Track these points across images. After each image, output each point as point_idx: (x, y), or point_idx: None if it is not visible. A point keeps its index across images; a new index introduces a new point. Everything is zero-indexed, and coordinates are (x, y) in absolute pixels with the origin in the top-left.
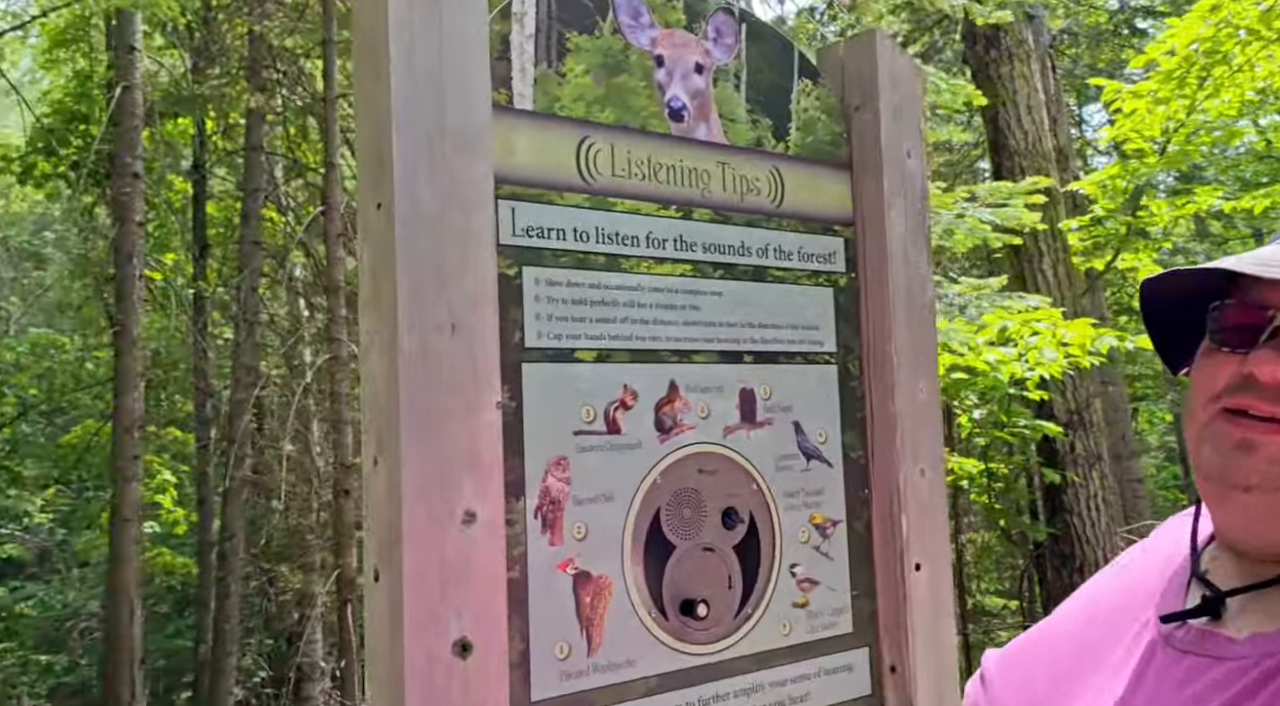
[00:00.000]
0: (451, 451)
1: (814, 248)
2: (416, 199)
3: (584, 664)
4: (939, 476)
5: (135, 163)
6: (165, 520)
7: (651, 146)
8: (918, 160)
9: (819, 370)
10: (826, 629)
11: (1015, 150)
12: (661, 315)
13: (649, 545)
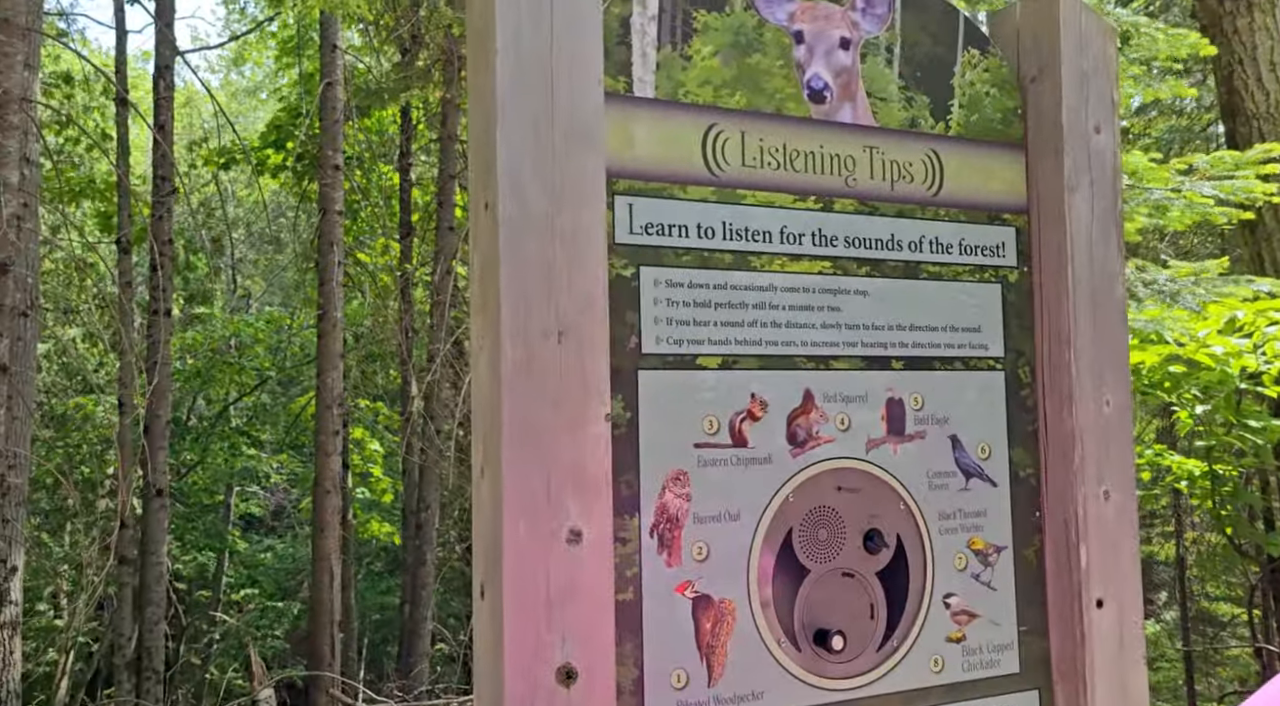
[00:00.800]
0: (556, 466)
1: (978, 239)
2: (522, 196)
3: (704, 695)
4: (1129, 501)
5: (336, 156)
6: (375, 488)
7: (787, 132)
8: (1109, 136)
9: (982, 377)
10: (987, 667)
11: (1253, 114)
12: (796, 317)
13: (779, 568)
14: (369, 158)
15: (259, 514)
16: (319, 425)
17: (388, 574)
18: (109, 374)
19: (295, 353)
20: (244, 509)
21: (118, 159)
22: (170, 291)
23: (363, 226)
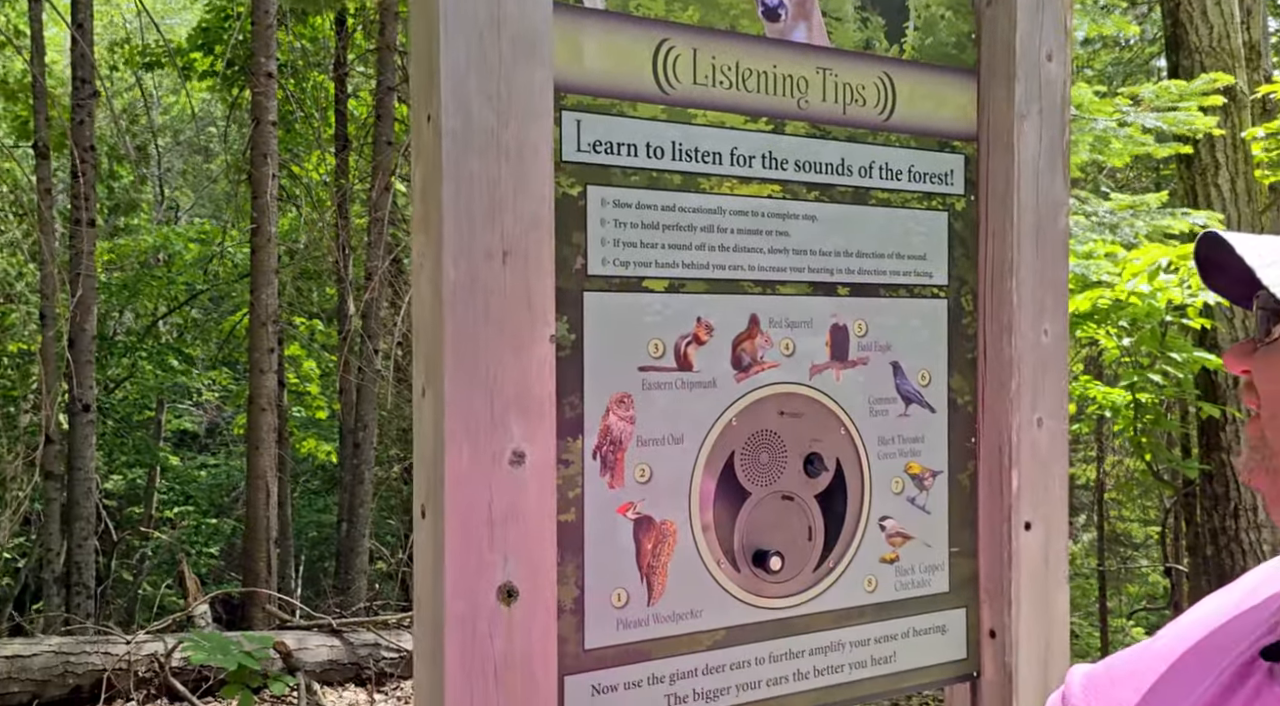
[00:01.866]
0: (499, 388)
1: (928, 166)
2: (466, 109)
3: (644, 613)
4: (1061, 427)
5: (269, 63)
6: (311, 406)
7: (740, 50)
8: (1061, 64)
9: (926, 305)
10: (919, 587)
11: (1196, 47)
12: (744, 241)
13: (720, 491)
14: (303, 66)
15: (193, 430)
16: (252, 342)
17: (325, 492)
18: (30, 286)
19: (228, 268)
20: (177, 425)
21: (32, 58)
22: (93, 200)
23: (297, 138)
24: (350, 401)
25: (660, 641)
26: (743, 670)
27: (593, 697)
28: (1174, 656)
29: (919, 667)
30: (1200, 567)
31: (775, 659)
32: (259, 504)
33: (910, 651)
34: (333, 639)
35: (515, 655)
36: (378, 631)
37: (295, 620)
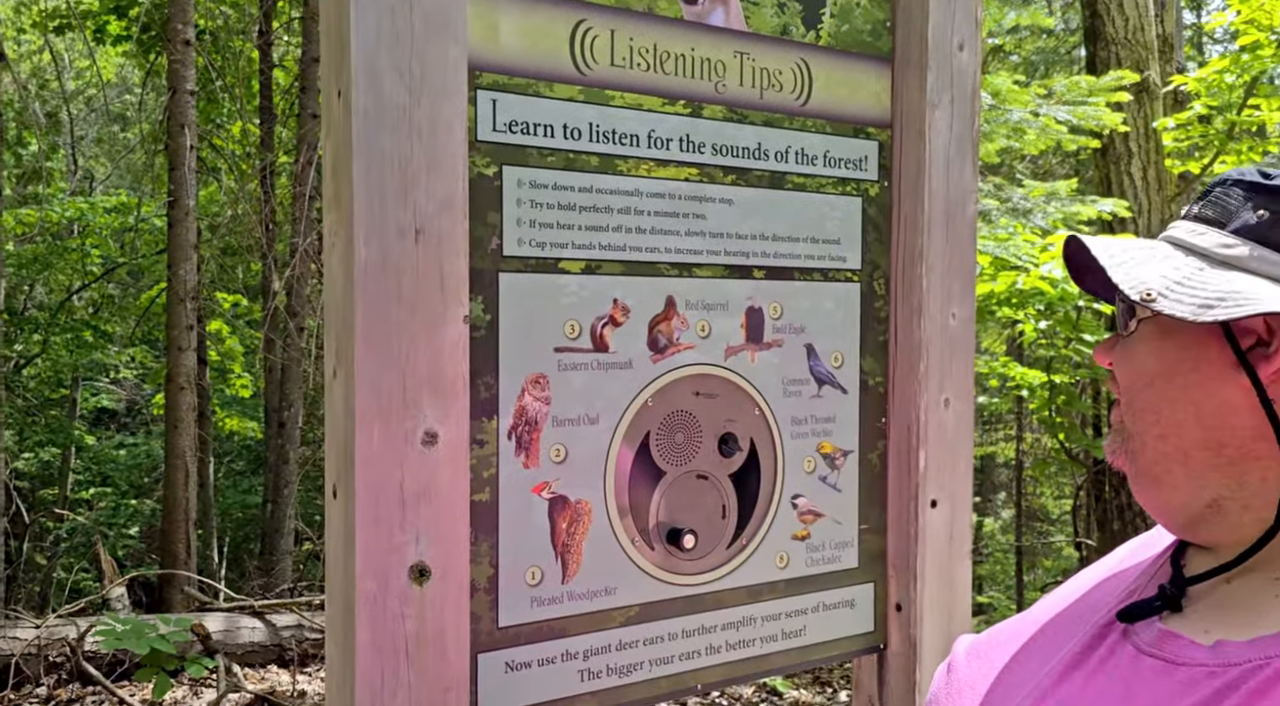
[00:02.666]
0: (411, 368)
1: (843, 152)
2: (377, 86)
3: (558, 590)
4: (967, 408)
5: (187, 29)
6: (234, 385)
7: (658, 33)
8: (971, 55)
9: (839, 289)
10: (829, 563)
11: (1113, 38)
12: (661, 224)
13: (636, 470)
14: (225, 33)
15: (112, 408)
16: (171, 319)
17: (250, 473)
18: None
19: (147, 241)
20: (94, 404)
21: None
22: (0, 169)
23: (218, 108)
24: (275, 379)
25: (574, 618)
26: (656, 645)
27: (506, 674)
28: (1045, 622)
29: (828, 640)
30: (1107, 542)
31: (688, 634)
32: (178, 484)
33: (820, 625)
34: (254, 621)
35: (427, 633)
36: (301, 612)
37: (216, 602)
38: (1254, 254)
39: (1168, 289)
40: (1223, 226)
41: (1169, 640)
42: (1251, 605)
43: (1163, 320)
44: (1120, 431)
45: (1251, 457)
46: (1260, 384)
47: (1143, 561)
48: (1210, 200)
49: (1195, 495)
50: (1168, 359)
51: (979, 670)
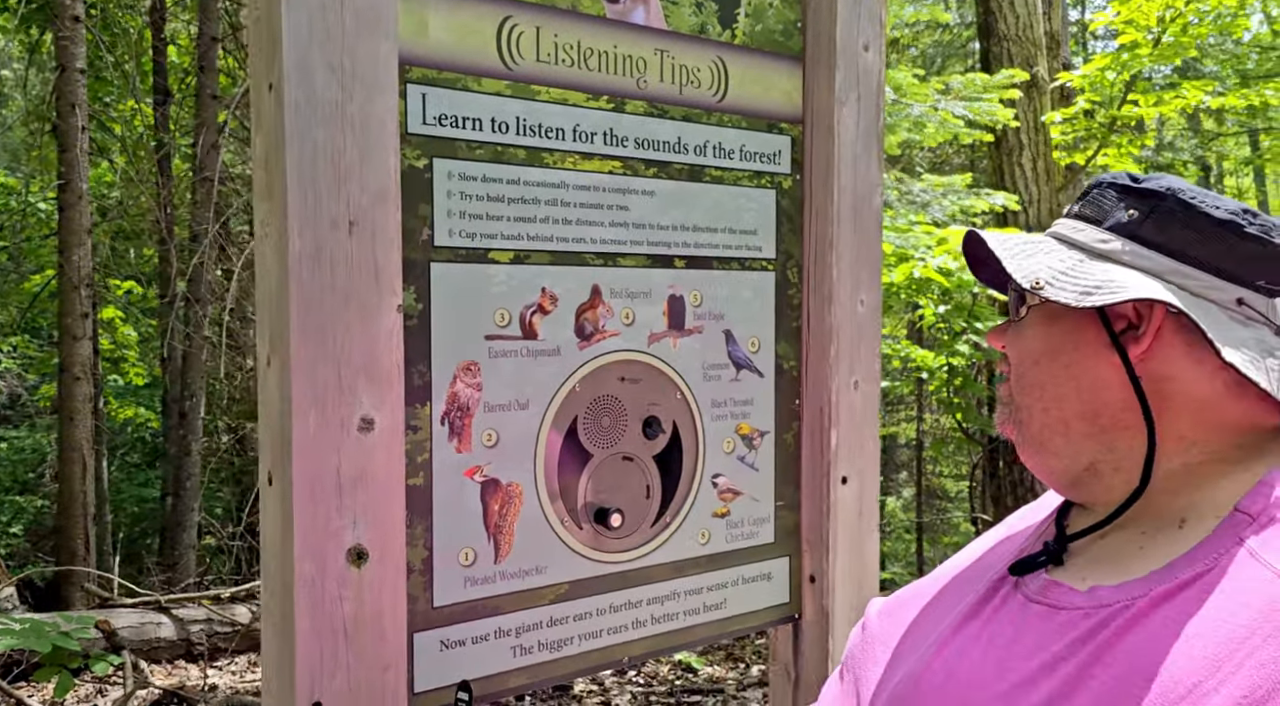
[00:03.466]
0: (347, 357)
1: (757, 146)
2: (309, 81)
3: (491, 570)
4: (874, 390)
5: (75, 4)
6: (128, 374)
7: (582, 30)
8: (876, 54)
9: (755, 277)
10: (747, 539)
11: (1005, 35)
12: (586, 215)
13: (565, 453)
14: (114, 8)
15: None
16: (63, 307)
17: (146, 465)
18: None
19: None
20: None
21: None
22: None
23: (108, 87)
24: (174, 369)
25: (507, 597)
26: (585, 621)
27: (441, 652)
28: (947, 582)
29: (747, 612)
30: (1002, 516)
31: (616, 609)
32: (74, 478)
33: (739, 597)
34: (161, 616)
35: (366, 615)
36: (209, 606)
37: (117, 598)
38: (1126, 248)
39: (1054, 278)
40: (1099, 224)
41: (1052, 588)
42: (1121, 556)
43: (1049, 306)
44: (1009, 404)
45: (1121, 427)
46: (1129, 362)
47: (1031, 524)
48: (1088, 200)
49: (1074, 460)
50: (1053, 340)
51: (890, 627)
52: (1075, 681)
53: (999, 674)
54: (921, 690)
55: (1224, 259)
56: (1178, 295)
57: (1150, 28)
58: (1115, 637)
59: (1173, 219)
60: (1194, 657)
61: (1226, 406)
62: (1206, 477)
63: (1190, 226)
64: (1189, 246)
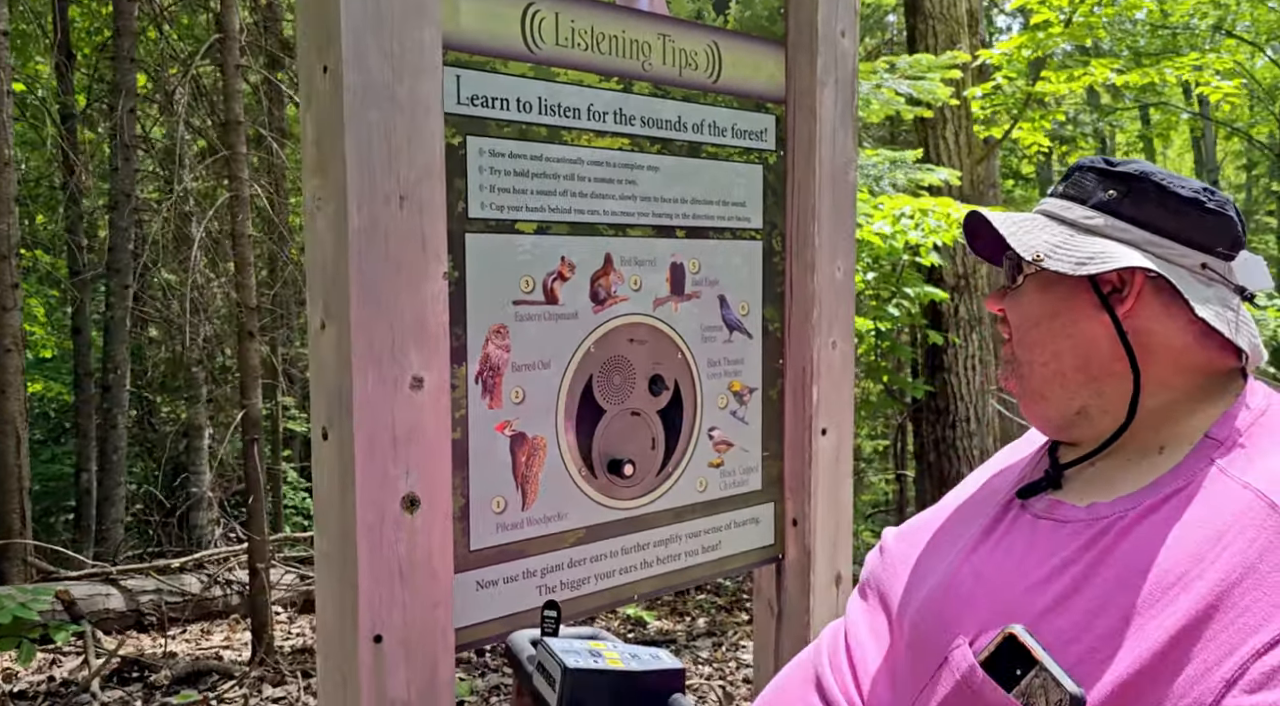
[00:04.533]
0: (400, 320)
1: (747, 125)
2: (364, 65)
3: (519, 517)
4: (849, 348)
5: None
6: (34, 346)
7: (595, 15)
8: (851, 41)
9: (745, 246)
10: (738, 486)
11: (930, 12)
12: (599, 189)
13: (581, 409)
14: None
15: None
16: None
17: (52, 441)
18: None
19: None
20: None
21: None
22: None
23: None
24: (85, 341)
25: (533, 540)
26: (600, 562)
27: (477, 591)
28: (954, 509)
29: (738, 553)
30: (924, 472)
31: (626, 551)
32: (9, 451)
33: (731, 540)
34: (108, 587)
35: (418, 557)
36: (159, 577)
37: (61, 572)
38: (1109, 223)
39: (1051, 251)
40: (1084, 203)
41: (1056, 506)
42: (1112, 478)
43: (1044, 274)
44: (1011, 362)
45: (1109, 374)
46: (1118, 319)
47: (1022, 458)
48: (1071, 182)
49: (1068, 405)
50: (1050, 304)
51: (907, 548)
52: (1083, 578)
53: (1019, 576)
54: (953, 595)
55: (1190, 230)
56: (1155, 262)
57: (1062, 7)
58: (1114, 542)
59: (1147, 197)
60: (1180, 553)
61: (1196, 353)
62: (1180, 412)
63: (1162, 204)
64: (1161, 220)
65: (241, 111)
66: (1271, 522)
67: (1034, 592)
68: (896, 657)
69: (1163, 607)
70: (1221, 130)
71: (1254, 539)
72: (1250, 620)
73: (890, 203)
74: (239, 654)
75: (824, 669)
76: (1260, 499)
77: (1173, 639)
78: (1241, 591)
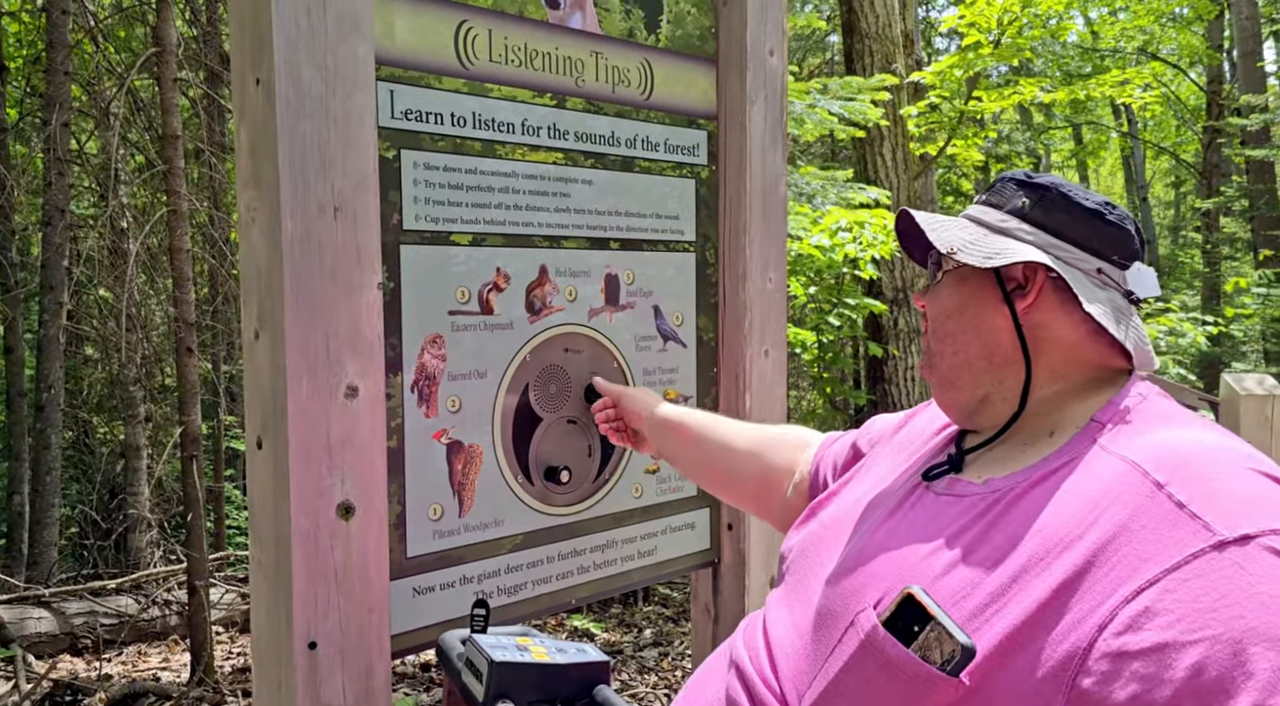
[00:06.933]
0: (335, 330)
1: (679, 140)
2: (297, 78)
3: (456, 524)
4: (781, 357)
5: None
6: None
7: (528, 33)
8: (780, 59)
9: (679, 258)
10: (674, 492)
11: (866, 33)
12: (534, 201)
13: (518, 417)
14: None
15: None
16: None
17: None
18: None
19: None
20: None
21: None
22: None
23: None
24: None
25: (470, 547)
26: (537, 568)
27: (414, 598)
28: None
29: (674, 558)
30: None
31: (564, 557)
32: None
33: (668, 545)
34: (40, 610)
35: (354, 563)
36: (93, 599)
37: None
38: (1019, 227)
39: (964, 246)
40: (1000, 209)
41: (956, 484)
42: (1007, 459)
43: (960, 270)
44: (927, 352)
45: (1009, 363)
46: (1016, 314)
47: (929, 448)
48: (994, 190)
49: (974, 392)
50: (961, 296)
51: (822, 533)
52: (976, 543)
53: (920, 545)
54: (859, 566)
55: (1090, 238)
56: (1055, 263)
57: (990, 29)
58: (1006, 509)
59: (1055, 206)
60: (1064, 516)
61: (1087, 348)
62: (1070, 401)
63: (1068, 212)
64: (1066, 227)
65: (179, 125)
66: (1144, 488)
67: (932, 557)
68: (808, 629)
69: (1046, 565)
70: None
71: (1128, 502)
72: (1121, 572)
73: (829, 217)
74: (178, 675)
75: (739, 651)
76: (1135, 468)
77: (1054, 592)
78: (1114, 547)
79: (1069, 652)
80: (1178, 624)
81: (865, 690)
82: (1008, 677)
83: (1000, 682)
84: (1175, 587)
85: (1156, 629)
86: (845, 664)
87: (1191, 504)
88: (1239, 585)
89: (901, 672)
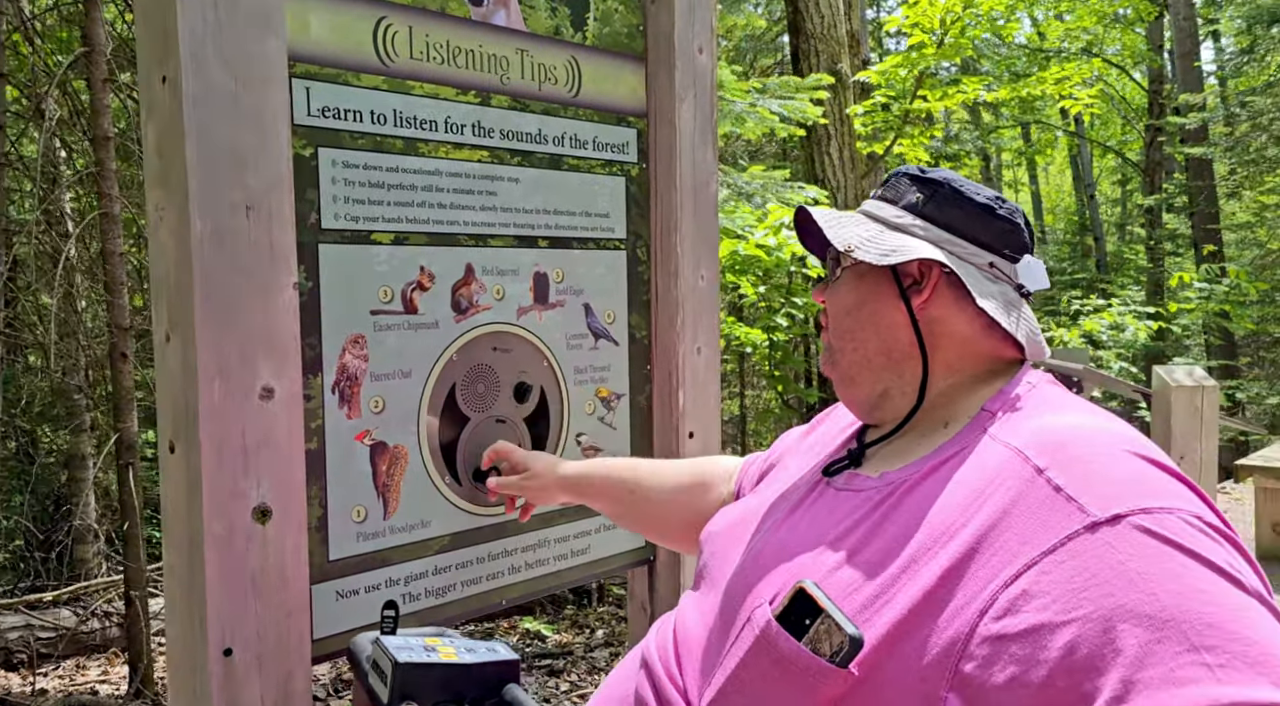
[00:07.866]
0: (248, 331)
1: (608, 137)
2: (206, 75)
3: (380, 526)
4: (714, 354)
5: None
6: None
7: (450, 30)
8: (709, 57)
9: (609, 256)
10: None
11: (812, 33)
12: (459, 200)
13: (445, 417)
14: None
15: None
16: None
17: None
18: None
19: None
20: None
21: None
22: None
23: None
24: None
25: (395, 549)
26: (466, 568)
27: (337, 601)
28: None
29: (608, 556)
30: None
31: (494, 557)
32: None
33: (601, 544)
34: None
35: (270, 566)
36: (29, 612)
37: None
38: (915, 223)
39: (861, 244)
40: (895, 204)
41: (853, 479)
42: (903, 452)
43: (858, 267)
44: (829, 349)
45: (907, 358)
46: (912, 310)
47: (838, 445)
48: (888, 185)
49: (874, 388)
50: (860, 293)
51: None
52: (869, 535)
53: (816, 540)
54: (759, 563)
55: (981, 233)
56: (949, 258)
57: (934, 29)
58: (899, 500)
59: (947, 201)
60: (952, 505)
61: (980, 341)
62: (963, 393)
63: (959, 207)
64: (958, 222)
65: (110, 126)
66: (1025, 472)
67: (828, 551)
68: (712, 627)
69: (934, 554)
70: (1097, 148)
71: (1010, 488)
72: (1002, 557)
73: (772, 214)
74: (117, 687)
75: (650, 650)
76: (1017, 454)
77: (939, 579)
78: (997, 533)
79: (952, 638)
80: (1052, 605)
81: (760, 685)
82: (895, 666)
83: (888, 672)
84: (1051, 569)
85: (1033, 611)
86: (742, 659)
87: (1068, 487)
88: (1109, 564)
89: (793, 666)
